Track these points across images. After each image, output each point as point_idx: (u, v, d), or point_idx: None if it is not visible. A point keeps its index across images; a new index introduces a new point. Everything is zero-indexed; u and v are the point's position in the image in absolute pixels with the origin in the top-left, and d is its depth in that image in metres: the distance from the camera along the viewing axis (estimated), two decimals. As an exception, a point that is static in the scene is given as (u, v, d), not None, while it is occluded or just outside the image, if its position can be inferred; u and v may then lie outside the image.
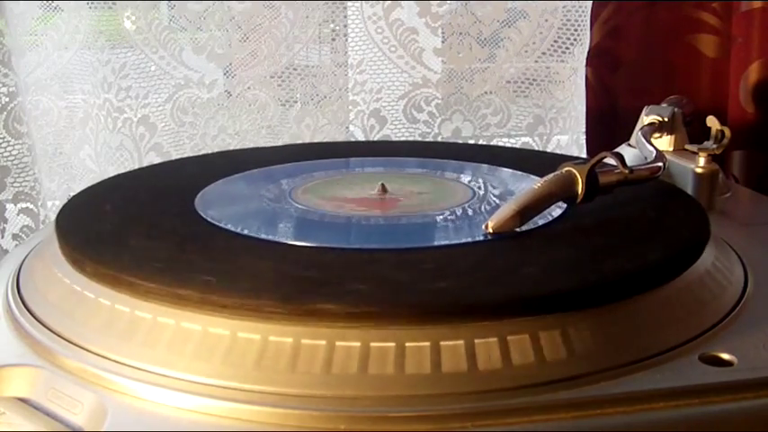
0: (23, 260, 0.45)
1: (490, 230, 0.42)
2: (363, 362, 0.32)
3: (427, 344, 0.33)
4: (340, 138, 0.79)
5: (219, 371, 0.33)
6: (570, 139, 0.84)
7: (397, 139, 0.80)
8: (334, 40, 0.78)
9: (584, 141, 0.81)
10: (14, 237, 0.69)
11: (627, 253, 0.40)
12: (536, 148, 0.83)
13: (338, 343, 0.33)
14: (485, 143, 0.82)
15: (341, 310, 0.34)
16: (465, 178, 0.54)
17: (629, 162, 0.46)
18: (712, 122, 0.56)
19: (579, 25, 0.80)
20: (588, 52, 0.79)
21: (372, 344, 0.33)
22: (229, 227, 0.43)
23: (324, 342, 0.33)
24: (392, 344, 0.33)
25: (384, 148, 0.70)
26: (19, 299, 0.41)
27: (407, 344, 0.33)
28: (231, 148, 0.76)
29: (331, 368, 0.32)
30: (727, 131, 0.55)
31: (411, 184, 0.53)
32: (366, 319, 0.34)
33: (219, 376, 0.33)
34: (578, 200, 0.44)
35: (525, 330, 0.34)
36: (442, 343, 0.33)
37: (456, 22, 0.78)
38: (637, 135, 0.59)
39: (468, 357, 0.33)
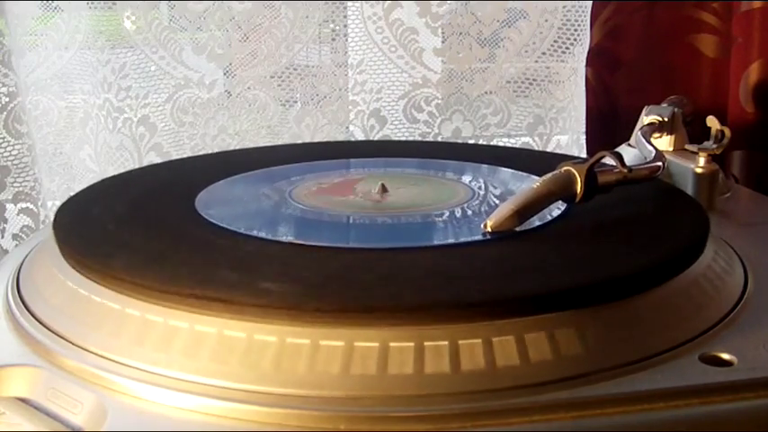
0: (23, 260, 0.45)
1: (489, 229, 0.42)
2: (363, 362, 0.32)
3: (427, 344, 0.33)
4: (340, 138, 0.79)
5: (220, 371, 0.33)
6: (570, 139, 0.84)
7: (397, 139, 0.80)
8: (334, 40, 0.78)
9: (585, 141, 0.82)
10: (14, 237, 0.69)
11: (626, 253, 0.40)
12: (536, 148, 0.83)
13: (339, 343, 0.33)
14: (485, 143, 0.82)
15: (343, 310, 0.34)
16: (465, 178, 0.54)
17: (629, 162, 0.45)
18: (712, 122, 0.56)
19: (579, 25, 0.80)
20: (588, 52, 0.79)
21: (372, 344, 0.33)
22: (229, 227, 0.43)
23: (324, 342, 0.33)
24: (392, 344, 0.33)
25: (384, 148, 0.70)
26: (19, 299, 0.41)
27: (407, 344, 0.33)
28: (231, 148, 0.76)
29: (331, 368, 0.32)
30: (727, 131, 0.55)
31: (411, 184, 0.53)
32: (368, 318, 0.34)
33: (220, 376, 0.33)
34: (577, 199, 0.44)
35: (525, 330, 0.34)
36: (441, 343, 0.33)
37: (456, 22, 0.78)
38: (637, 135, 0.59)
39: (468, 357, 0.33)
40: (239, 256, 0.40)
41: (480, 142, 0.82)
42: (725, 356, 0.35)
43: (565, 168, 0.44)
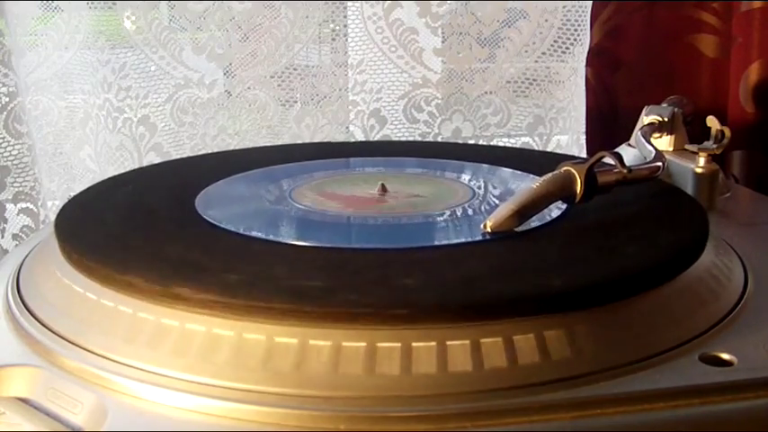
0: (23, 260, 0.45)
1: (488, 230, 0.42)
2: (363, 362, 0.32)
3: (427, 344, 0.33)
4: (340, 138, 0.79)
5: (220, 371, 0.33)
6: (570, 139, 0.84)
7: (397, 139, 0.80)
8: (334, 40, 0.78)
9: (585, 141, 0.82)
10: (14, 237, 0.69)
11: (626, 253, 0.40)
12: (536, 148, 0.83)
13: (338, 343, 0.33)
14: (485, 143, 0.82)
15: (343, 311, 0.34)
16: (465, 178, 0.54)
17: (628, 162, 0.46)
18: (712, 122, 0.56)
19: (579, 25, 0.80)
20: (588, 52, 0.79)
21: (372, 344, 0.33)
22: (229, 227, 0.43)
23: (324, 342, 0.33)
24: (392, 344, 0.33)
25: (384, 148, 0.70)
26: (19, 299, 0.41)
27: (407, 344, 0.33)
28: (231, 148, 0.76)
29: (331, 368, 0.32)
30: (727, 131, 0.55)
31: (411, 184, 0.53)
32: (367, 319, 0.34)
33: (219, 376, 0.33)
34: (577, 199, 0.44)
35: (524, 330, 0.34)
36: (441, 344, 0.33)
37: (456, 22, 0.78)
38: (636, 135, 0.59)
39: (468, 357, 0.33)
40: (238, 256, 0.40)
41: (480, 142, 0.82)
42: (725, 356, 0.35)
43: (565, 168, 0.44)
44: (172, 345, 0.34)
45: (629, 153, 0.56)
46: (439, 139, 0.80)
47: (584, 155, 0.79)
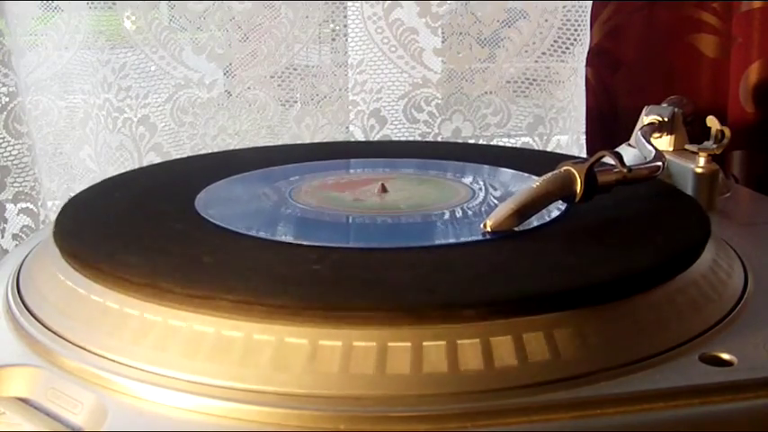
0: (23, 260, 0.45)
1: (488, 229, 0.42)
2: (363, 362, 0.32)
3: (426, 344, 0.33)
4: (340, 138, 0.79)
5: (219, 371, 0.33)
6: (570, 139, 0.84)
7: (397, 139, 0.80)
8: (334, 40, 0.78)
9: (584, 141, 0.82)
10: (14, 237, 0.69)
11: (626, 252, 0.40)
12: (536, 148, 0.83)
13: (338, 343, 0.33)
14: (485, 143, 0.82)
15: (343, 310, 0.34)
16: (465, 178, 0.54)
17: (628, 162, 0.46)
18: (712, 122, 0.56)
19: (579, 25, 0.80)
20: (588, 52, 0.79)
21: (373, 344, 0.33)
22: (230, 227, 0.43)
23: (324, 342, 0.33)
24: (392, 344, 0.33)
25: (384, 148, 0.70)
26: (19, 299, 0.41)
27: (407, 344, 0.33)
28: (231, 148, 0.76)
29: (331, 368, 0.32)
30: (727, 131, 0.55)
31: (411, 184, 0.53)
32: (368, 318, 0.34)
33: (219, 376, 0.33)
34: (577, 199, 0.44)
35: (525, 330, 0.34)
36: (441, 343, 0.33)
37: (456, 22, 0.78)
38: (636, 135, 0.59)
39: (467, 357, 0.33)
40: (240, 256, 0.40)
41: (480, 142, 0.82)
42: (725, 356, 0.35)
43: (565, 168, 0.44)
44: (171, 344, 0.34)
45: (629, 153, 0.56)
46: (439, 139, 0.80)
47: (584, 155, 0.79)
